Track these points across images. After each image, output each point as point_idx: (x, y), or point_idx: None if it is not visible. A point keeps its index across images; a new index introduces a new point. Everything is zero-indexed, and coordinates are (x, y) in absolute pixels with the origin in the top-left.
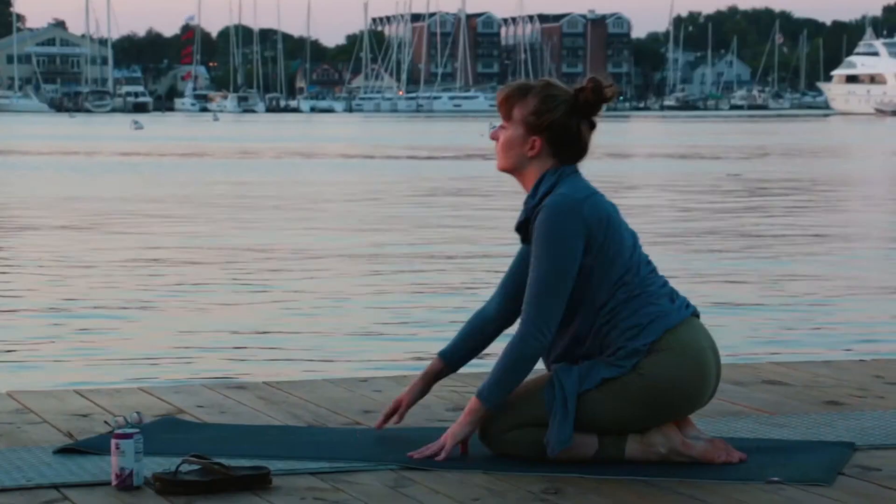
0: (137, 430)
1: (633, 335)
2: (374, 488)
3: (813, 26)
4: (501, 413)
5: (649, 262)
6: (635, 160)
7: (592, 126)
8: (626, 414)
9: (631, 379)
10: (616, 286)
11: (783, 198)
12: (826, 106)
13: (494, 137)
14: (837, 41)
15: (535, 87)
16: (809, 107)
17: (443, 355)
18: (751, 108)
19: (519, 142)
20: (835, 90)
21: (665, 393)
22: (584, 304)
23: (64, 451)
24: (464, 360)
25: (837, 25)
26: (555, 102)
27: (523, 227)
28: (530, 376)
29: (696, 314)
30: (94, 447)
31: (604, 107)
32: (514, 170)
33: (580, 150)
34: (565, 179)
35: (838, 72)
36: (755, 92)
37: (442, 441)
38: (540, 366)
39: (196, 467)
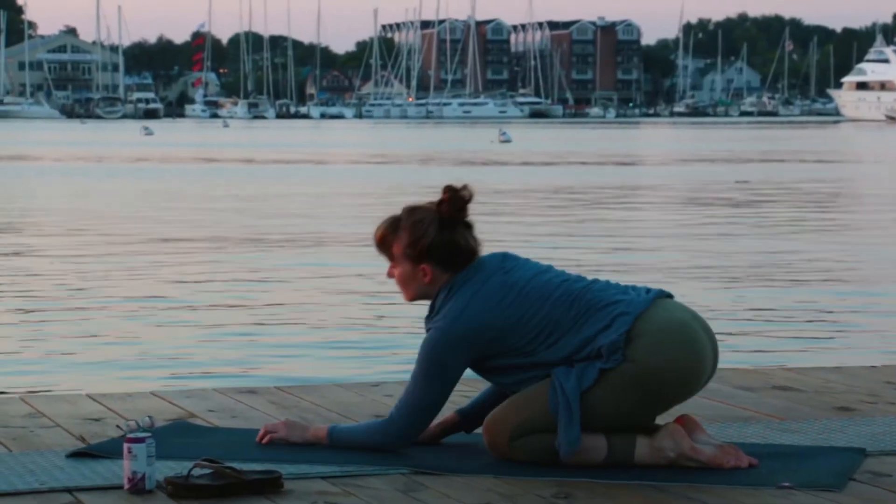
0: (149, 435)
1: (605, 335)
2: (385, 492)
3: (823, 33)
4: (508, 422)
5: (578, 281)
6: (644, 167)
7: (469, 226)
8: (630, 402)
9: (625, 368)
10: (556, 333)
11: (793, 203)
12: (836, 113)
13: (390, 276)
14: (848, 48)
15: (402, 219)
16: (819, 113)
17: (461, 413)
18: (761, 114)
19: (411, 275)
20: (845, 97)
21: (661, 373)
22: (551, 353)
23: (77, 454)
24: (482, 419)
25: (848, 32)
26: (423, 227)
27: None
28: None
29: (664, 295)
30: (107, 451)
31: (468, 209)
32: (420, 299)
33: (466, 255)
34: (455, 294)
35: (848, 79)
36: (765, 99)
37: (277, 429)
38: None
39: (208, 471)
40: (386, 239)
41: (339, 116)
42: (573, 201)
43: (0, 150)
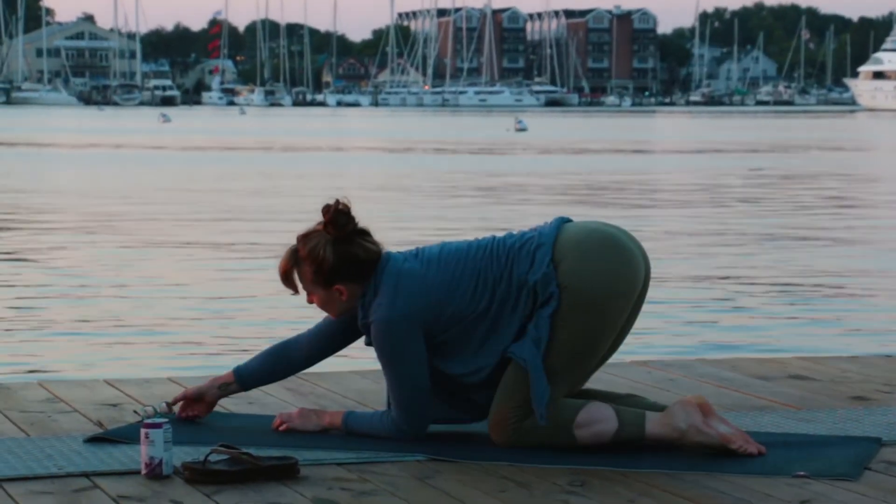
0: (167, 420)
1: (526, 271)
2: (401, 479)
3: (839, 22)
4: (505, 414)
5: (484, 238)
6: (659, 155)
7: (363, 233)
8: (590, 327)
9: (564, 297)
10: (489, 283)
11: (808, 192)
12: (852, 102)
13: (311, 301)
14: (864, 37)
15: (298, 252)
16: (836, 103)
17: (237, 372)
18: (776, 103)
19: (328, 299)
20: (861, 86)
21: (598, 283)
22: (480, 319)
23: (94, 439)
24: (258, 384)
25: (864, 21)
26: (319, 254)
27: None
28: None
29: (565, 220)
30: (124, 436)
31: (354, 218)
32: (347, 314)
33: (372, 260)
34: (379, 289)
35: (865, 68)
36: (781, 88)
37: (293, 418)
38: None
39: (225, 457)
40: (289, 275)
41: (355, 104)
42: (586, 188)
43: (18, 137)
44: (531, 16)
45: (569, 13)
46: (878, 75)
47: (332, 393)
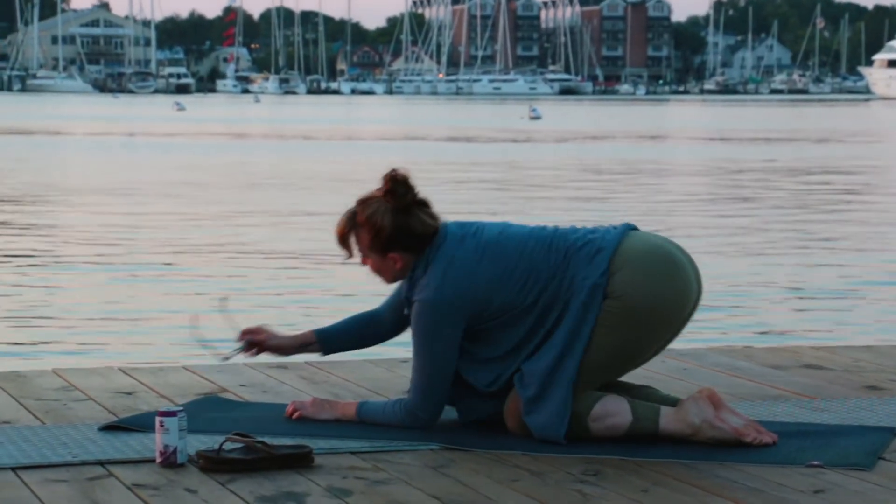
0: (181, 409)
1: (583, 277)
2: (415, 468)
3: (854, 10)
4: (520, 398)
5: (545, 227)
6: (673, 143)
7: (423, 203)
8: (630, 340)
9: (610, 305)
10: (541, 280)
11: (823, 182)
12: (867, 90)
13: (364, 263)
14: (879, 25)
15: (357, 215)
16: (850, 91)
17: (319, 334)
18: (791, 92)
19: (383, 265)
20: (876, 74)
21: (649, 300)
22: (525, 314)
23: (109, 428)
24: (339, 349)
25: (879, 10)
26: (377, 221)
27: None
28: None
29: (631, 228)
30: (139, 424)
31: (413, 189)
32: (399, 280)
33: (429, 233)
34: (431, 266)
35: (880, 56)
36: (795, 76)
37: (306, 406)
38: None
39: (239, 445)
40: (346, 238)
41: (370, 92)
42: (599, 175)
43: (33, 124)
44: (545, 3)
45: (583, 1)
46: (893, 64)
47: (347, 381)
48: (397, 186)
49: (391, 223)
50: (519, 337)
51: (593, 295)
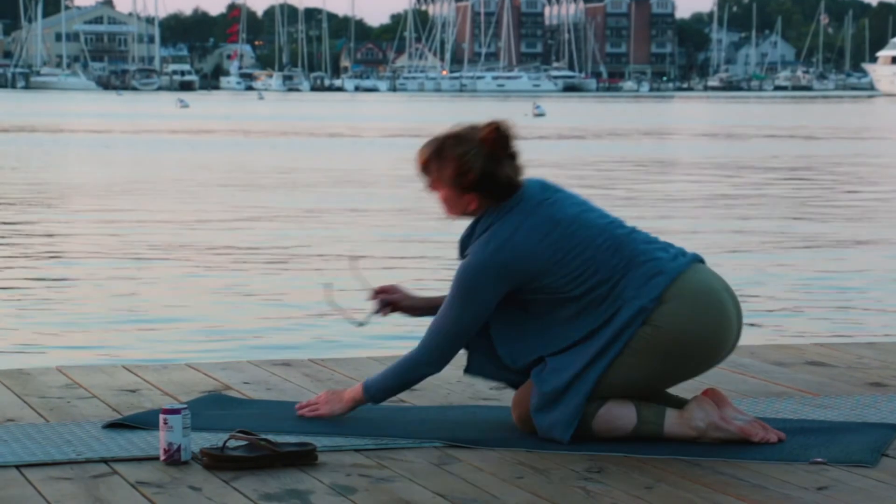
0: (185, 406)
1: (636, 295)
2: (419, 465)
3: (858, 7)
4: (529, 391)
5: (622, 225)
6: (677, 140)
7: (513, 156)
8: (657, 372)
9: (646, 332)
10: (594, 280)
11: (825, 177)
12: (871, 87)
13: (433, 190)
14: (883, 22)
15: (448, 147)
16: (854, 88)
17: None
18: (795, 88)
19: (456, 200)
20: (880, 71)
21: (684, 340)
22: (569, 305)
23: (113, 425)
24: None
25: (883, 6)
26: (470, 160)
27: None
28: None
29: (699, 260)
30: (143, 422)
31: (512, 144)
32: (463, 218)
33: (513, 186)
34: (501, 221)
35: (884, 53)
36: (799, 73)
37: (318, 405)
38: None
39: (243, 443)
40: (430, 164)
41: (373, 89)
42: (603, 173)
43: (37, 122)
44: (549, 0)
45: None
46: None
47: (350, 379)
48: (500, 136)
49: (480, 168)
50: (553, 322)
51: (636, 317)
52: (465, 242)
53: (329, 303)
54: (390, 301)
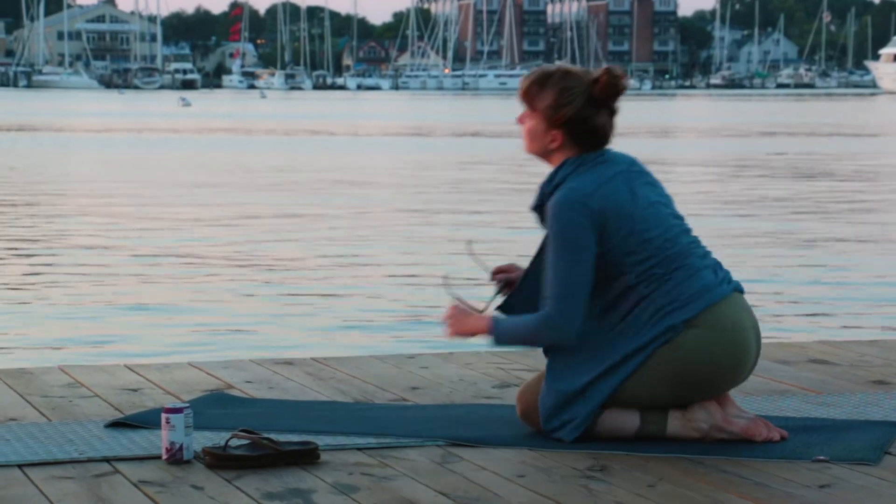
0: (187, 405)
1: (671, 310)
2: (421, 464)
3: (861, 4)
4: (537, 384)
5: (688, 232)
6: (680, 138)
7: (613, 112)
8: (661, 393)
9: (665, 352)
10: (647, 265)
11: (828, 175)
12: (873, 85)
13: (520, 122)
14: (886, 20)
15: (554, 78)
16: (856, 86)
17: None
18: (797, 86)
19: (541, 134)
20: (882, 69)
21: (700, 370)
22: (613, 286)
23: (115, 424)
24: None
25: (886, 4)
26: (571, 96)
27: (538, 209)
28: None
29: (739, 290)
30: (145, 421)
31: (618, 98)
32: (539, 156)
33: (601, 138)
34: (583, 169)
35: (886, 50)
36: (802, 70)
37: (449, 320)
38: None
39: (245, 442)
40: (531, 90)
41: (376, 88)
42: None
43: (39, 121)
44: None
45: None
46: None
47: (353, 378)
48: (610, 83)
49: (578, 107)
50: (596, 300)
51: (664, 334)
52: (543, 189)
53: (470, 254)
54: (510, 280)
